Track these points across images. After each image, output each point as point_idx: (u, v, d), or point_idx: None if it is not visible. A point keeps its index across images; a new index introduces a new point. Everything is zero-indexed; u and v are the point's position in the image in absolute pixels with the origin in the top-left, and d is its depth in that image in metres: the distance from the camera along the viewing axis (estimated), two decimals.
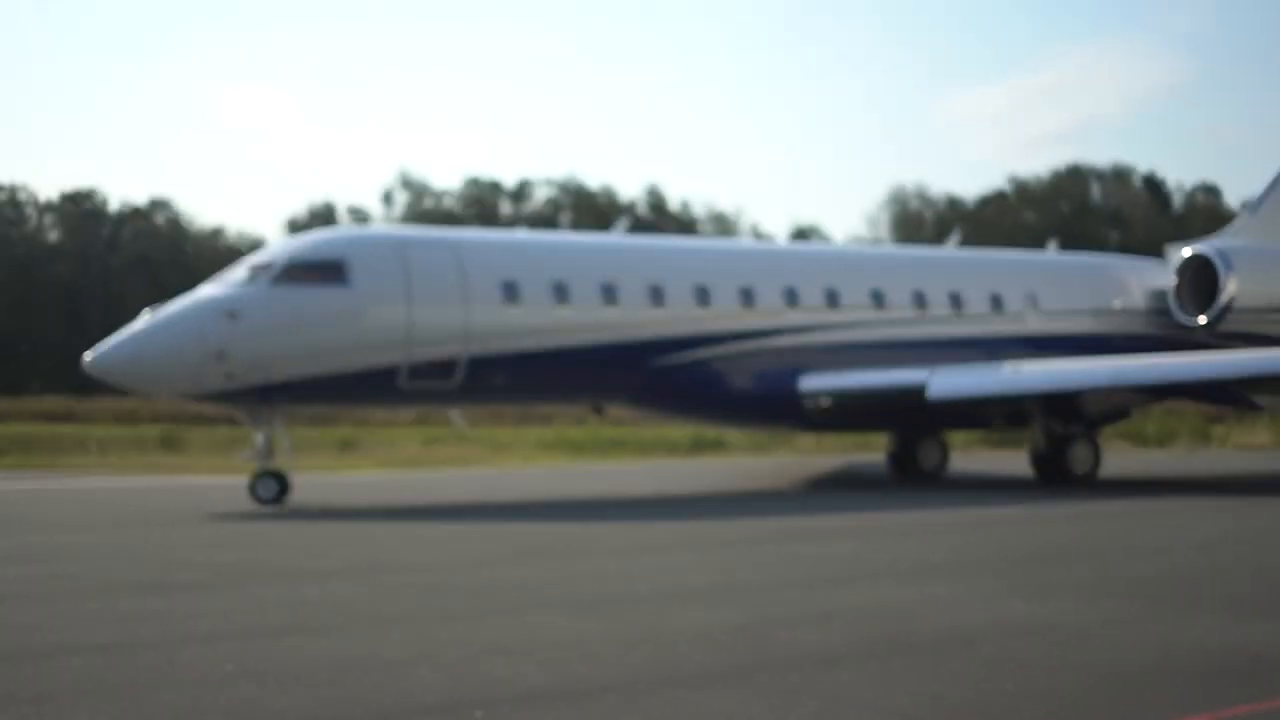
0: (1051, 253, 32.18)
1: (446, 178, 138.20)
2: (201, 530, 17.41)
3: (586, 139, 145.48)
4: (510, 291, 22.88)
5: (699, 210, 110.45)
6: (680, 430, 39.43)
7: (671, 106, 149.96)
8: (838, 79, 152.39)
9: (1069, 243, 34.80)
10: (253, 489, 21.33)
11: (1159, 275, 29.80)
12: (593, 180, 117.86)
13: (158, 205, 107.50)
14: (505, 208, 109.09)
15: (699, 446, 39.05)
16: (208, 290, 21.67)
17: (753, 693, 7.60)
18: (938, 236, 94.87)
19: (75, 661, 8.51)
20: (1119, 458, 36.13)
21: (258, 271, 21.68)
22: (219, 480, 28.89)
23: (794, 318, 25.33)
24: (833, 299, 25.88)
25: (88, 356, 21.00)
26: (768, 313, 25.12)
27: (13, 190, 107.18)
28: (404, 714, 7.17)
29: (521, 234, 27.28)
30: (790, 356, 25.16)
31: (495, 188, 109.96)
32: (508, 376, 22.89)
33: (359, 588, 11.80)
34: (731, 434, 37.76)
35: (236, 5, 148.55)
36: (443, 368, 22.15)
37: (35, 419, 49.69)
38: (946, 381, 24.43)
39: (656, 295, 24.20)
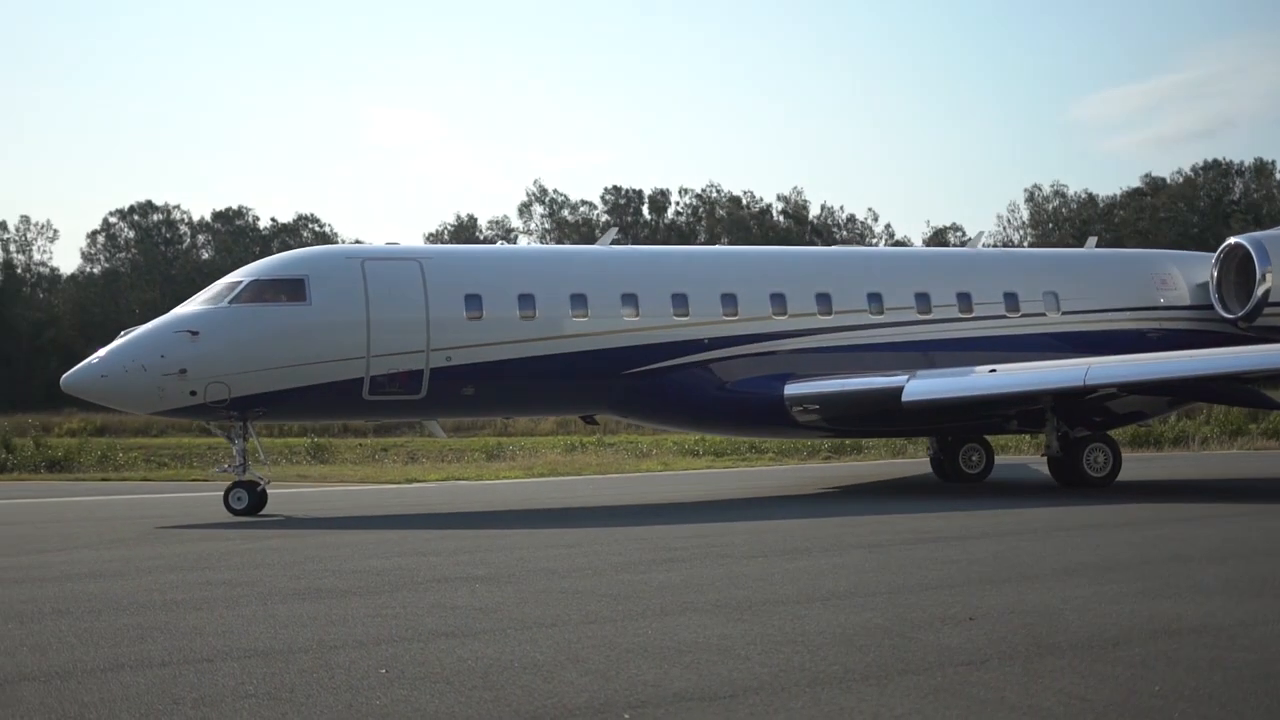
0: (1088, 249, 31.14)
1: (586, 189, 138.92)
2: (349, 537, 17.73)
3: (725, 147, 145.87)
4: (474, 303, 23.07)
5: (838, 216, 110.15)
6: None
7: (810, 113, 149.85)
8: (976, 82, 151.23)
9: (1209, 239, 33.68)
10: (225, 500, 22.12)
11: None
12: (733, 187, 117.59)
13: (305, 221, 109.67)
14: (646, 216, 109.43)
15: (838, 450, 38.89)
16: (178, 310, 22.45)
17: (897, 694, 7.64)
18: (1075, 236, 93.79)
19: (235, 666, 8.78)
20: (1260, 458, 35.37)
21: (226, 290, 22.35)
22: (365, 488, 29.41)
23: (781, 323, 24.86)
24: (824, 303, 25.30)
25: (64, 377, 21.92)
26: (751, 318, 24.70)
27: (168, 211, 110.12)
28: (553, 716, 7.31)
29: (492, 247, 27.09)
30: (778, 362, 24.69)
31: (635, 197, 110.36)
32: (476, 387, 23.07)
33: (505, 592, 11.98)
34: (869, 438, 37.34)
35: (382, 29, 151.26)
36: (406, 380, 22.45)
37: (191, 432, 50.71)
38: (921, 385, 23.67)
39: (630, 303, 24.08)
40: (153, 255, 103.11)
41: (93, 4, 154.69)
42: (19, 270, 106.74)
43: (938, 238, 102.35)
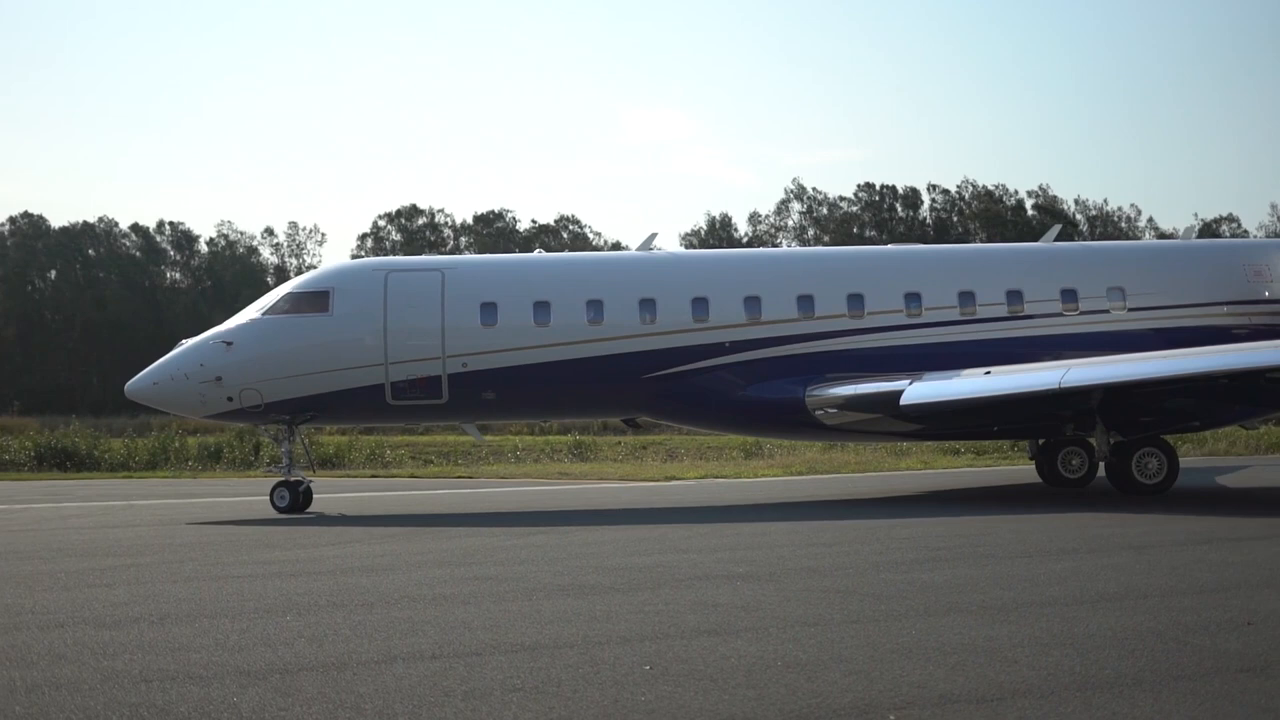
0: (1180, 240, 28.80)
1: (842, 186, 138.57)
2: (611, 534, 17.90)
3: (977, 142, 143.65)
4: (489, 311, 23.72)
5: (1103, 209, 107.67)
6: None
7: (1062, 107, 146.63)
8: (1242, 70, 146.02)
9: None
10: (271, 498, 23.63)
11: None
12: (986, 181, 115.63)
13: (564, 222, 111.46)
14: (900, 212, 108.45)
15: None
16: (228, 322, 24.17)
17: (1173, 699, 7.41)
18: None
19: (502, 660, 8.93)
20: None
21: (267, 302, 24.13)
22: (625, 485, 29.69)
23: (807, 326, 24.29)
24: (856, 304, 24.52)
25: (127, 385, 23.95)
26: (776, 321, 24.25)
27: (432, 214, 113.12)
28: (818, 716, 7.27)
29: (517, 256, 28.26)
30: (804, 365, 24.10)
31: (889, 193, 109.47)
32: (495, 391, 23.66)
33: (766, 590, 11.96)
34: None
35: (635, 30, 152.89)
36: (425, 385, 23.40)
37: (455, 430, 51.89)
38: (919, 389, 22.76)
39: (647, 309, 24.08)
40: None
41: (357, 16, 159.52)
42: (291, 274, 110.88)
43: (1208, 230, 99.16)
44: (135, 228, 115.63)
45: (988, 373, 22.95)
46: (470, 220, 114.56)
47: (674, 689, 7.93)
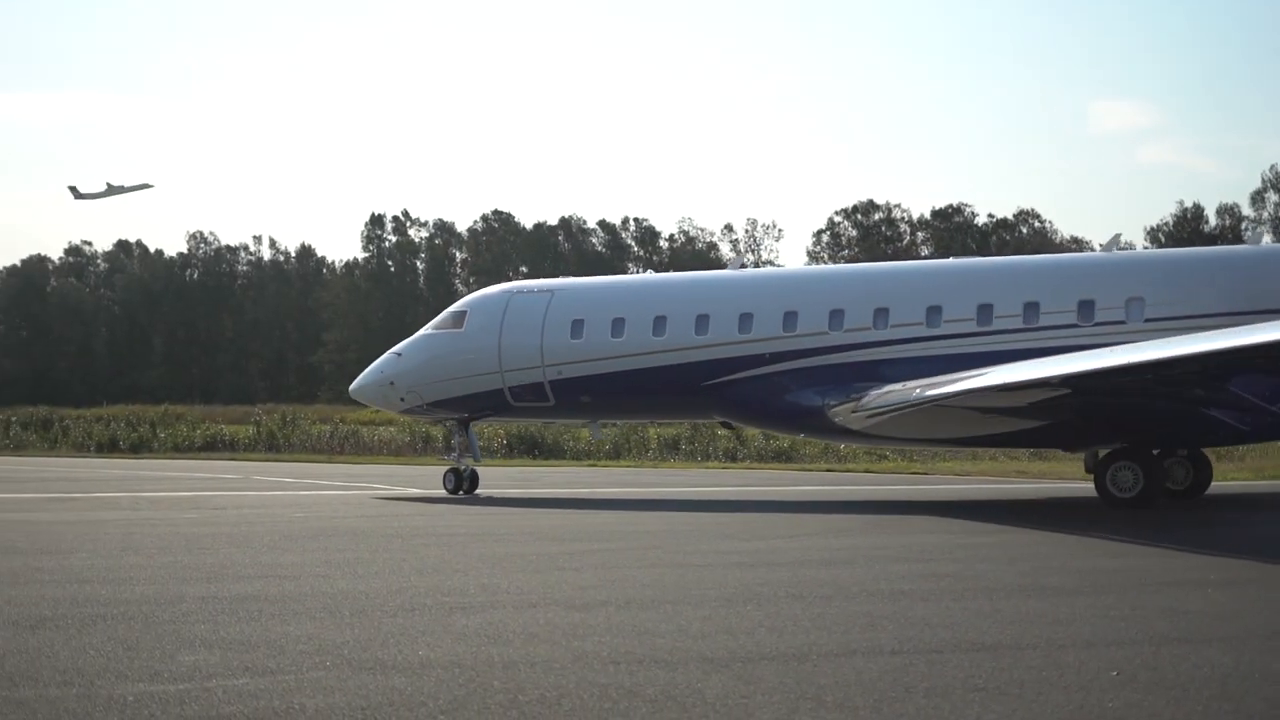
0: (1254, 245, 24.77)
1: None
2: (1070, 536, 17.49)
3: None
4: (578, 328, 26.30)
5: None
6: None
7: None
8: None
9: None
10: (443, 482, 26.90)
11: None
12: None
13: (1023, 217, 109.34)
14: None
15: None
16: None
17: None
18: None
19: (963, 658, 8.86)
20: None
21: (435, 320, 28.22)
22: (1073, 485, 28.93)
23: (838, 338, 24.74)
24: (880, 317, 24.57)
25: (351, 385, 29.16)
26: (809, 333, 24.87)
27: (889, 209, 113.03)
28: None
29: (606, 280, 33.64)
30: (831, 375, 24.45)
31: None
32: (588, 395, 26.29)
33: (1242, 597, 11.49)
34: None
35: (1101, 20, 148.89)
36: (534, 389, 26.33)
37: None
38: (877, 395, 22.77)
39: (702, 324, 25.57)
40: (875, 253, 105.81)
41: (811, 11, 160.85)
42: (747, 269, 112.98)
43: None
44: (602, 224, 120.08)
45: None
46: (928, 215, 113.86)
47: (1142, 697, 7.69)
